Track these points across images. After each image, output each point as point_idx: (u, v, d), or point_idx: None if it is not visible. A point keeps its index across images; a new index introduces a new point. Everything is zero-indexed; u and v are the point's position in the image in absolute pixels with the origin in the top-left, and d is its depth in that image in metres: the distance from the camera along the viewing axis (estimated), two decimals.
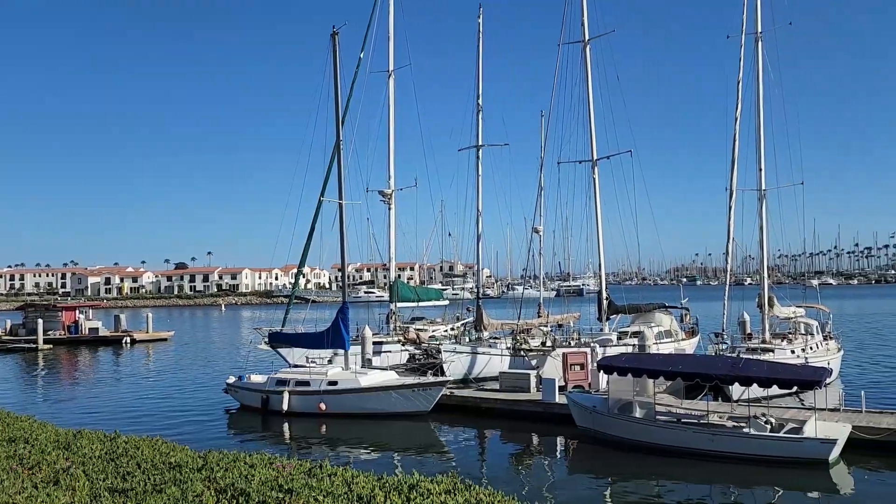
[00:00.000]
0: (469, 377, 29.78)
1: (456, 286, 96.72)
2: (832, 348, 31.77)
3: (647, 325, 32.91)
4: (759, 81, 31.22)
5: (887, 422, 18.93)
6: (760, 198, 31.08)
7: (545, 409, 23.39)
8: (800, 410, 20.44)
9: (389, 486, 8.66)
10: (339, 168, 27.64)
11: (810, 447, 16.99)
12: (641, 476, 17.43)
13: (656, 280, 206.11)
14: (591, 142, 32.88)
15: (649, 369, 19.50)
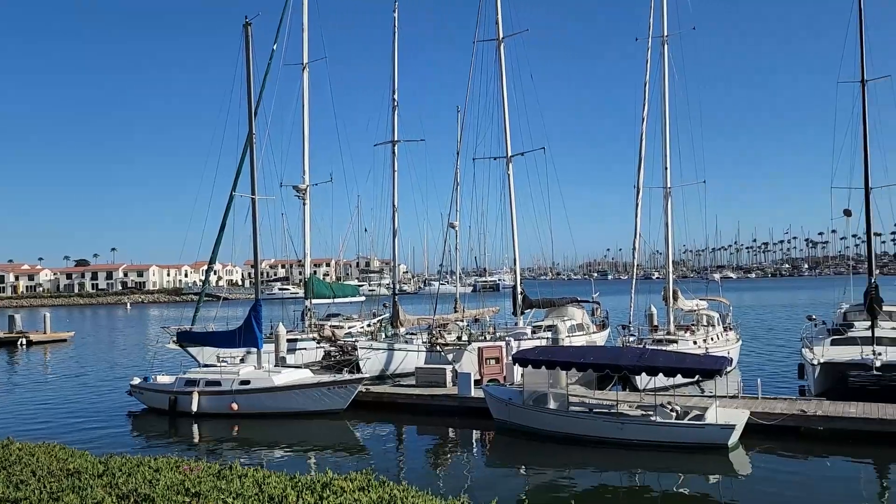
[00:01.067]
0: (385, 373, 29.68)
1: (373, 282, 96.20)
2: (732, 338, 33.40)
3: (561, 318, 33.70)
4: (665, 83, 32.44)
5: (781, 407, 20.06)
6: (666, 195, 32.32)
7: (461, 403, 23.59)
8: (702, 398, 21.40)
9: (302, 486, 8.51)
10: (251, 162, 26.97)
11: (711, 433, 17.83)
12: (555, 465, 17.89)
13: (570, 275, 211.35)
14: (506, 138, 33.37)
15: (562, 361, 20.01)
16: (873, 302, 25.82)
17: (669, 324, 31.70)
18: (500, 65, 33.26)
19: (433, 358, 28.89)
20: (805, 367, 24.81)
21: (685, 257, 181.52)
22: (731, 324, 35.35)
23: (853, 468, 17.14)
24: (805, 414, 19.40)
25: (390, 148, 34.61)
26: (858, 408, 19.74)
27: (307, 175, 36.34)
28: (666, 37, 32.58)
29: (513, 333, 31.63)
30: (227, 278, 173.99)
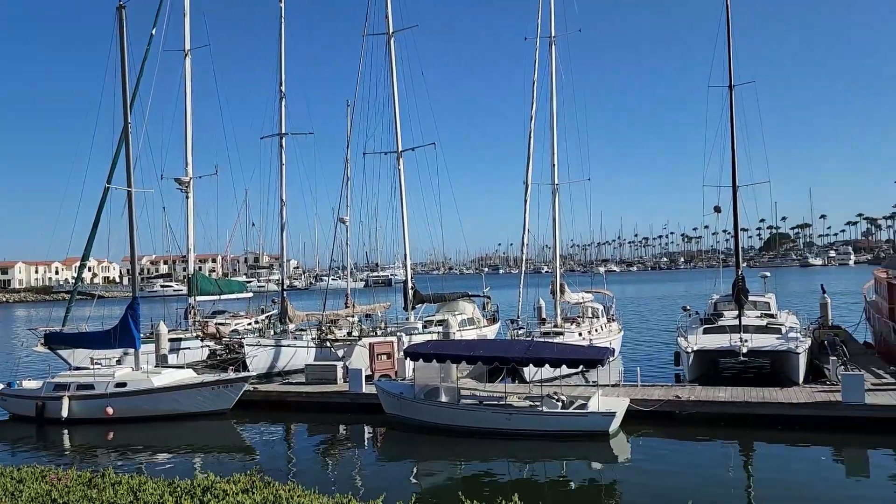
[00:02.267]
0: (274, 371, 28.97)
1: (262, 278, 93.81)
2: (614, 329, 34.86)
3: (452, 313, 34.05)
4: (552, 82, 33.38)
5: (658, 394, 21.12)
6: (553, 192, 33.30)
7: (352, 400, 23.37)
8: (587, 388, 22.19)
9: (181, 491, 8.16)
10: (127, 153, 25.51)
11: (593, 421, 18.53)
12: (446, 457, 18.05)
13: (462, 269, 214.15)
14: (396, 133, 33.28)
15: (452, 355, 20.21)
16: (740, 293, 27.62)
17: (557, 316, 32.70)
18: (391, 59, 33.12)
19: (323, 354, 28.48)
20: (680, 354, 26.22)
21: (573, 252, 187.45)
22: (614, 315, 36.87)
23: (722, 448, 18.30)
24: (680, 399, 20.50)
25: (278, 140, 33.74)
26: (727, 392, 21.08)
27: (190, 167, 34.87)
28: (553, 37, 33.52)
29: (404, 328, 31.65)
30: (102, 275, 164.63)
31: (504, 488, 14.76)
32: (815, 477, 15.67)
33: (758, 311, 30.03)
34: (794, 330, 27.13)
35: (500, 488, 14.78)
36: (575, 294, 34.81)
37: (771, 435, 18.62)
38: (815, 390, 20.92)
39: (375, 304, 37.87)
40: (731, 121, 28.68)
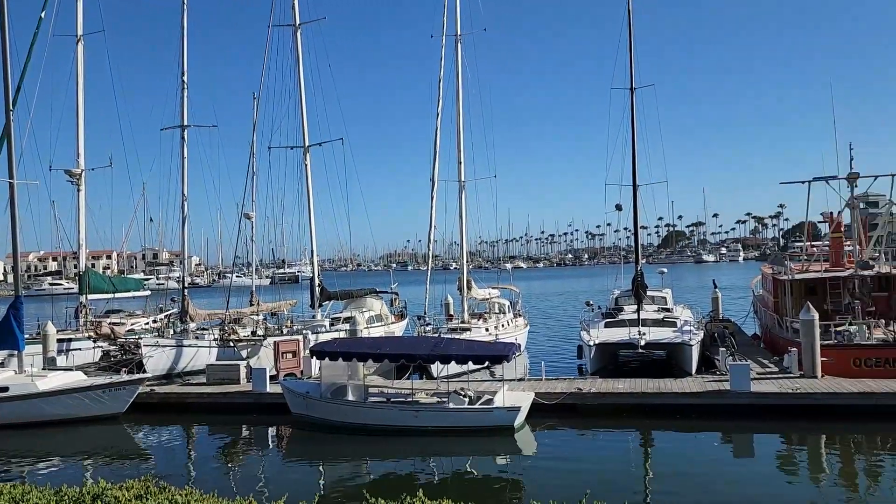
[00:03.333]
0: (174, 372, 27.85)
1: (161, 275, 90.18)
2: (521, 324, 35.54)
3: (359, 310, 33.78)
4: (458, 80, 33.64)
5: (561, 387, 21.67)
6: (460, 189, 33.60)
7: (256, 400, 22.80)
8: (493, 383, 22.50)
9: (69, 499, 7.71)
10: (9, 142, 23.86)
11: (498, 415, 18.83)
12: (352, 456, 17.90)
13: (371, 266, 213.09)
14: (303, 128, 32.64)
15: (359, 353, 20.06)
16: (639, 288, 28.73)
17: (464, 312, 33.01)
18: (297, 52, 32.46)
19: (227, 354, 27.64)
20: (583, 348, 27.01)
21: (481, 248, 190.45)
22: (520, 310, 37.60)
23: (622, 437, 18.98)
24: (581, 392, 21.10)
25: (179, 132, 32.41)
26: (626, 383, 21.88)
27: (82, 158, 33.08)
28: (459, 36, 33.78)
29: (310, 326, 31.16)
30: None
31: (410, 485, 14.74)
32: (707, 461, 16.50)
33: (655, 305, 31.29)
34: (689, 323, 28.45)
35: (406, 485, 14.76)
36: (482, 290, 35.24)
37: (667, 423, 19.47)
38: (707, 380, 22.02)
39: (281, 301, 37.08)
40: (632, 122, 29.76)
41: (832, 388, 20.10)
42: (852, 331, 23.45)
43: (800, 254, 35.48)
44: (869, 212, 39.78)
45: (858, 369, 22.24)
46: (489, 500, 12.90)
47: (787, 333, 26.03)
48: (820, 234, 39.18)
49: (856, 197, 29.34)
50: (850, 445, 17.73)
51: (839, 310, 26.10)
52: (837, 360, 22.28)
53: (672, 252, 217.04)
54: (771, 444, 18.14)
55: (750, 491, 14.01)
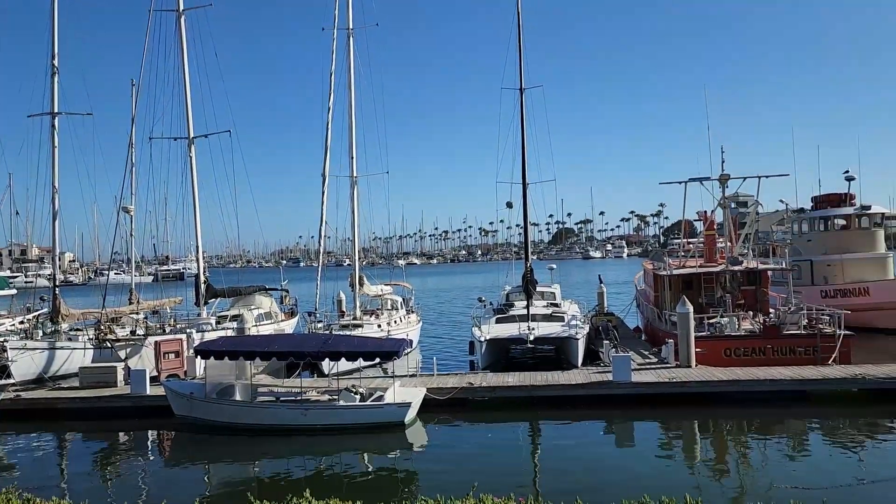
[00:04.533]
0: (45, 376, 26.01)
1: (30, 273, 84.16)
2: (413, 321, 35.64)
3: (247, 307, 32.80)
4: (350, 74, 33.24)
5: (453, 382, 21.86)
6: (352, 184, 33.23)
7: (135, 403, 21.67)
8: (385, 379, 22.41)
9: None
10: None
11: (390, 412, 18.75)
12: (240, 457, 17.39)
13: (261, 262, 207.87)
14: (188, 118, 31.27)
15: (245, 351, 19.45)
16: (529, 284, 29.41)
17: (356, 309, 32.71)
18: (181, 39, 31.03)
19: (104, 355, 26.06)
20: (475, 343, 27.36)
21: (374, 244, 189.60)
22: (413, 307, 37.68)
23: (512, 430, 19.33)
24: (473, 386, 21.37)
25: (49, 120, 30.24)
26: (515, 377, 22.34)
27: None
28: (351, 30, 33.38)
29: (195, 325, 29.93)
30: None
31: (298, 485, 14.39)
32: (591, 449, 17.14)
33: (545, 301, 32.16)
34: (576, 318, 29.40)
35: (294, 485, 14.43)
36: (374, 287, 35.06)
37: (554, 414, 20.05)
38: (591, 372, 22.84)
39: (164, 299, 35.41)
40: (521, 121, 30.40)
41: (704, 376, 21.32)
42: (723, 323, 24.98)
43: (678, 250, 37.40)
44: (739, 211, 42.43)
45: (729, 359, 23.71)
46: (380, 496, 12.78)
47: (665, 326, 27.39)
48: (696, 231, 41.40)
49: (727, 197, 31.22)
50: (720, 430, 18.87)
51: (712, 303, 27.74)
52: (710, 351, 23.66)
53: (561, 248, 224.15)
54: (650, 430, 19.03)
55: (631, 476, 14.62)
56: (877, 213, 38.54)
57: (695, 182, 31.04)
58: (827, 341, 23.38)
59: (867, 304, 33.21)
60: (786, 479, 13.81)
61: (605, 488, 12.98)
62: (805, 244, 39.51)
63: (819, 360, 22.88)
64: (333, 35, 32.16)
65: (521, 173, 30.45)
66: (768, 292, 29.65)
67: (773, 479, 14.06)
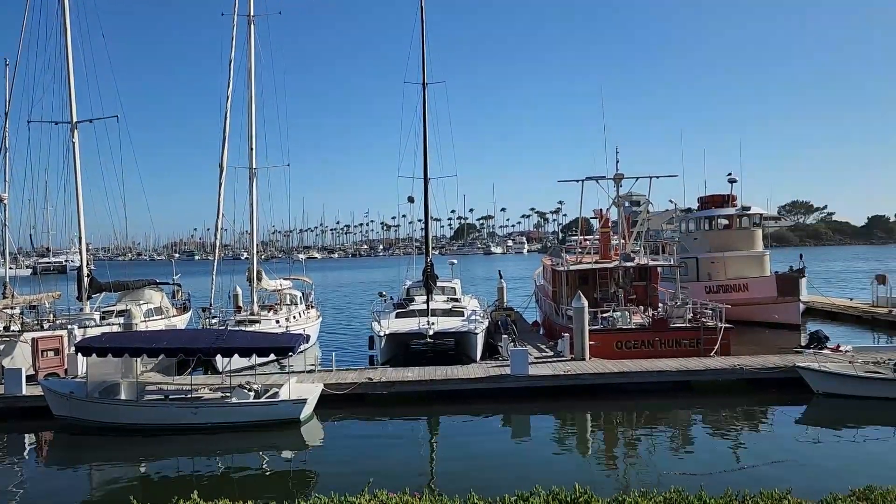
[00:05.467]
0: None
1: None
2: (313, 316, 35.04)
3: (136, 302, 31.23)
4: (251, 63, 32.20)
5: (352, 377, 21.60)
6: (251, 176, 32.22)
7: (9, 405, 20.19)
8: (282, 375, 21.86)
9: None
10: None
11: (284, 408, 18.29)
12: (125, 459, 16.51)
13: (153, 255, 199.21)
14: (70, 101, 29.38)
15: (131, 348, 18.49)
16: (429, 278, 29.44)
17: (253, 304, 31.80)
18: (64, 16, 29.10)
19: None
20: (374, 338, 27.15)
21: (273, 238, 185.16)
22: (312, 302, 37.02)
23: (411, 425, 19.30)
24: (372, 381, 21.18)
25: None
26: (415, 372, 22.32)
27: None
28: (252, 17, 32.33)
29: (77, 320, 28.19)
30: None
31: (186, 485, 13.81)
32: (488, 442, 17.34)
33: (445, 295, 32.32)
34: (476, 313, 29.70)
35: (181, 486, 13.78)
36: (273, 281, 34.21)
37: (453, 408, 20.16)
38: (490, 366, 23.11)
39: (42, 293, 33.17)
40: (423, 116, 30.36)
41: (597, 369, 22.01)
42: (616, 316, 25.87)
43: (575, 247, 38.51)
44: (632, 210, 44.16)
45: (620, 351, 24.60)
46: (272, 495, 12.41)
47: (562, 320, 28.11)
48: (593, 228, 42.74)
49: (621, 196, 32.40)
50: (612, 420, 19.53)
51: (606, 298, 28.70)
52: (603, 344, 24.46)
53: (463, 244, 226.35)
54: (545, 422, 19.46)
55: (526, 468, 14.86)
56: (755, 213, 41.04)
57: (591, 181, 32.03)
58: (709, 334, 24.64)
59: (746, 299, 35.31)
60: (672, 466, 14.42)
61: (501, 480, 13.11)
62: (691, 242, 41.60)
63: (702, 352, 24.08)
64: (233, 21, 31.06)
65: (422, 168, 30.41)
66: (658, 287, 30.96)
67: (660, 466, 14.65)
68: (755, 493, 7.37)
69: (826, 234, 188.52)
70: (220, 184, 30.48)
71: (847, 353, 22.80)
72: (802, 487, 8.63)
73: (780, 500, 6.98)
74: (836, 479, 11.81)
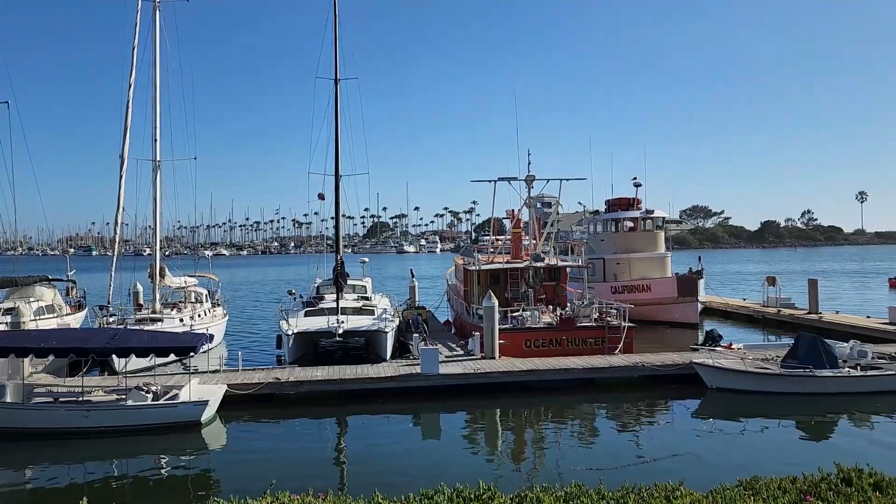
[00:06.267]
0: None
1: None
2: (219, 314, 33.97)
3: (25, 299, 29.39)
4: (156, 50, 30.92)
5: (258, 377, 21.04)
6: (155, 168, 30.94)
7: None
8: (184, 376, 21.04)
9: None
10: None
11: (184, 411, 17.56)
12: (10, 465, 15.42)
13: (46, 250, 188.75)
14: None
15: (17, 347, 17.34)
16: (339, 276, 29.07)
17: (155, 302, 30.56)
18: None
19: None
20: (282, 337, 26.58)
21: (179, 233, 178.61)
22: (219, 300, 35.91)
23: (319, 425, 18.98)
24: (280, 381, 20.71)
25: None
26: (324, 371, 21.97)
27: None
28: (157, 2, 31.06)
29: None
30: None
31: (75, 493, 13.09)
32: (398, 441, 17.20)
33: (356, 294, 32.04)
34: (387, 311, 29.54)
35: (70, 493, 13.05)
36: (177, 278, 32.95)
37: (364, 408, 19.95)
38: (400, 364, 23.02)
39: None
40: (335, 112, 29.98)
41: (506, 367, 22.29)
42: (525, 316, 26.31)
43: (487, 246, 38.92)
44: (544, 211, 45.09)
45: (529, 350, 25.03)
46: (168, 501, 11.91)
47: (473, 319, 28.34)
48: (505, 229, 43.37)
49: (532, 197, 32.97)
50: (520, 417, 19.81)
51: (517, 297, 29.15)
52: (512, 342, 24.82)
53: (376, 242, 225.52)
54: (455, 421, 19.52)
55: (434, 466, 14.83)
56: (658, 216, 42.70)
57: (504, 181, 32.45)
58: (614, 333, 25.42)
59: (649, 299, 36.69)
60: (577, 461, 14.72)
61: (409, 479, 13.05)
62: (599, 243, 42.88)
63: (607, 350, 24.82)
64: (137, 6, 29.73)
65: (334, 165, 30.02)
66: (566, 287, 31.70)
67: (565, 461, 14.96)
68: (650, 486, 7.60)
69: (723, 238, 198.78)
70: (121, 176, 29.14)
71: (739, 351, 24.01)
72: (695, 478, 8.96)
73: (672, 491, 7.21)
74: (727, 470, 12.36)
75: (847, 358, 21.23)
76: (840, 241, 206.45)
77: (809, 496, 7.19)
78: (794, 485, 7.64)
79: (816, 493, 7.28)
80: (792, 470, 8.72)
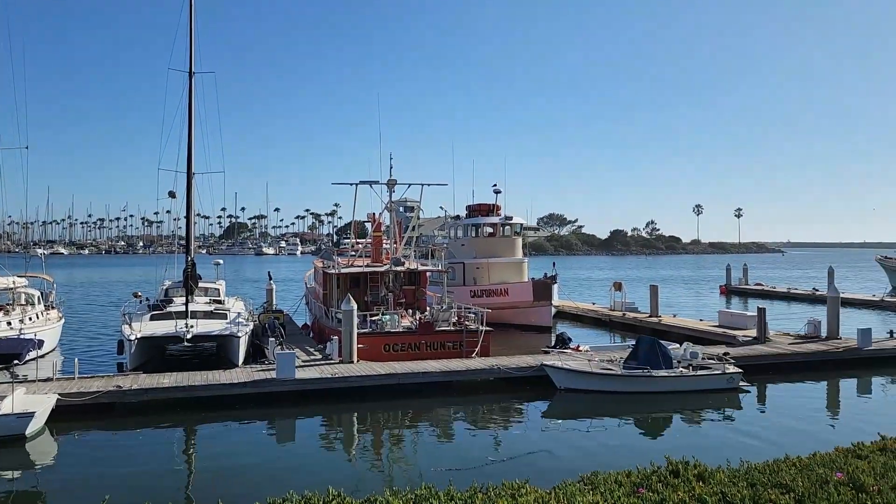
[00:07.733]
0: None
1: None
2: (54, 317, 31.47)
3: None
4: None
5: (97, 385, 19.61)
6: None
7: None
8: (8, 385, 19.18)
9: None
10: None
11: (4, 424, 15.96)
12: None
13: None
14: None
15: None
16: (189, 278, 27.67)
17: None
18: None
19: None
20: (124, 342, 24.97)
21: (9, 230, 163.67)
22: (53, 302, 33.26)
23: (165, 434, 17.92)
24: (121, 389, 19.41)
25: None
26: (171, 378, 20.81)
27: None
28: None
29: None
30: None
31: None
32: (251, 449, 16.55)
33: (208, 297, 30.71)
34: (241, 315, 28.50)
35: None
36: (4, 278, 30.14)
37: (214, 415, 19.09)
38: (255, 370, 22.26)
39: None
40: (189, 107, 28.57)
41: (365, 371, 22.16)
42: (384, 319, 26.30)
43: (348, 250, 38.60)
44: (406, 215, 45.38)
45: (388, 354, 25.05)
46: None
47: (332, 323, 27.98)
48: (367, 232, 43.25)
49: (394, 201, 33.06)
50: (378, 421, 19.76)
51: (377, 301, 29.09)
52: (371, 346, 24.73)
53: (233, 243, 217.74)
54: (311, 426, 19.15)
55: (286, 472, 14.42)
56: (517, 223, 44.18)
57: (365, 185, 32.30)
58: (471, 336, 25.98)
59: (506, 302, 37.85)
60: (433, 462, 14.87)
61: (258, 488, 12.63)
62: (459, 248, 43.72)
63: (464, 354, 25.30)
64: None
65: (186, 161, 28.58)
66: (426, 291, 32.03)
67: (422, 463, 15.07)
68: (497, 486, 7.80)
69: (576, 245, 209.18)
70: None
71: (586, 353, 25.27)
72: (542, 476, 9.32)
73: (518, 489, 7.45)
74: (571, 467, 12.93)
75: (681, 359, 22.87)
76: (679, 249, 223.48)
77: (641, 488, 7.67)
78: (628, 478, 8.12)
79: (648, 485, 7.77)
80: (629, 464, 9.26)
